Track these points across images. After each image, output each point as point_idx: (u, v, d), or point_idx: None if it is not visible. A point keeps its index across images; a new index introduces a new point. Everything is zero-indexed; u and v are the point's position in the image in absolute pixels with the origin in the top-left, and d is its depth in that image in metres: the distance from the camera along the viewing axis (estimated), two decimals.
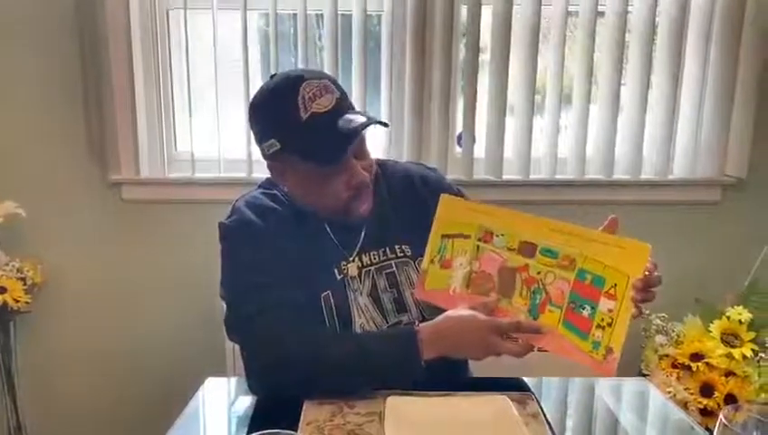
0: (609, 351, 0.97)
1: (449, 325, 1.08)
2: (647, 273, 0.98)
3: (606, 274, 0.99)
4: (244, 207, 1.20)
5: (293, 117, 1.10)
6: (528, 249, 1.06)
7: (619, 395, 1.25)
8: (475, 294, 1.11)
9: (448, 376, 1.16)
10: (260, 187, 1.28)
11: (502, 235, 1.09)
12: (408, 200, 1.26)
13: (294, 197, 1.22)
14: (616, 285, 0.97)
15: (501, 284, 1.09)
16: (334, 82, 1.15)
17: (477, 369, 1.36)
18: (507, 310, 1.07)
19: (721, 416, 0.70)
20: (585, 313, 1.00)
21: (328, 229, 1.22)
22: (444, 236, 1.14)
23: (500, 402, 1.03)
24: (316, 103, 1.09)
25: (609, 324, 0.97)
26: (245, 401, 1.13)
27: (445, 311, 1.12)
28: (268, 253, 1.15)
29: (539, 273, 1.05)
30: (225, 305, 1.19)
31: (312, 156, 1.12)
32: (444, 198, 1.16)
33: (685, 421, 1.13)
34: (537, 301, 1.05)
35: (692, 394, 1.73)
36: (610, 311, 0.97)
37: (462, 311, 1.08)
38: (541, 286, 1.05)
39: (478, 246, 1.11)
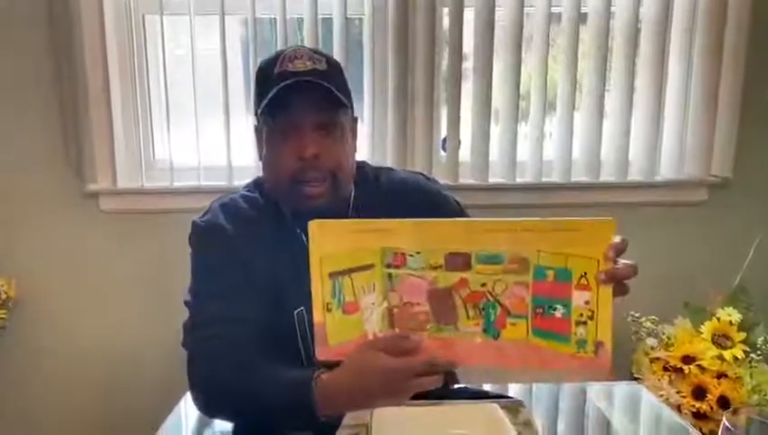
0: (600, 344, 0.85)
1: (350, 374, 0.92)
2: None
3: (570, 264, 0.85)
4: (219, 209, 1.17)
5: (268, 73, 1.10)
6: (459, 261, 0.88)
7: (613, 400, 1.22)
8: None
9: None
10: (245, 187, 1.24)
11: (417, 253, 0.89)
12: (403, 211, 1.19)
13: (264, 177, 1.18)
14: (586, 273, 0.85)
15: (435, 311, 0.90)
16: (333, 64, 1.13)
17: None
18: (454, 339, 0.90)
19: (724, 420, 0.67)
20: (558, 313, 0.86)
21: (305, 240, 1.17)
22: (333, 275, 0.91)
23: (491, 411, 1.00)
24: (293, 63, 1.08)
25: (591, 317, 0.85)
26: None
27: None
28: (232, 261, 1.11)
29: (483, 285, 0.88)
30: None
31: (260, 105, 1.11)
32: (313, 225, 0.91)
33: (680, 425, 1.11)
34: (492, 318, 0.89)
35: (684, 397, 1.71)
36: (588, 303, 0.85)
37: (366, 353, 0.90)
38: (491, 300, 0.88)
39: (390, 275, 0.90)
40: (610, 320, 0.85)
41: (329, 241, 0.91)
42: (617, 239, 0.85)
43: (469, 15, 1.89)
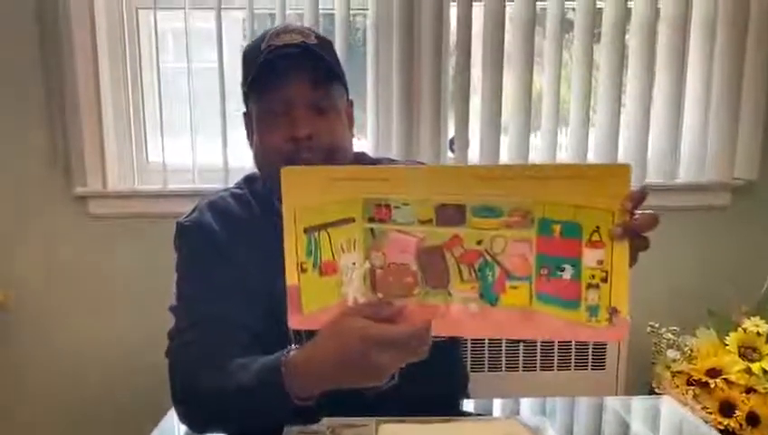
0: (614, 311, 0.74)
1: (322, 345, 0.80)
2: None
3: (580, 217, 0.74)
4: (206, 208, 1.08)
5: (255, 50, 1.01)
6: (452, 214, 0.78)
7: (641, 415, 1.12)
8: (390, 298, 0.81)
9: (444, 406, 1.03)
10: (235, 184, 1.16)
11: (404, 204, 0.78)
12: None
13: (256, 163, 1.09)
14: (599, 227, 0.74)
15: (425, 272, 0.79)
16: (323, 40, 1.04)
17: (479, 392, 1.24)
18: (446, 305, 0.79)
19: None
20: (566, 275, 0.75)
21: None
22: (309, 230, 0.80)
23: (510, 427, 0.90)
24: (280, 38, 1.00)
25: (605, 279, 0.74)
26: None
27: None
28: (219, 261, 1.02)
29: (480, 242, 0.77)
30: None
31: (245, 82, 1.03)
32: (285, 172, 0.80)
33: None
34: (490, 280, 0.78)
35: (711, 414, 1.60)
36: (601, 262, 0.74)
37: (340, 320, 0.78)
38: (489, 259, 0.78)
39: (372, 230, 0.80)
40: (627, 282, 0.74)
41: (304, 191, 0.80)
42: (634, 188, 0.74)
43: (478, 11, 1.80)
